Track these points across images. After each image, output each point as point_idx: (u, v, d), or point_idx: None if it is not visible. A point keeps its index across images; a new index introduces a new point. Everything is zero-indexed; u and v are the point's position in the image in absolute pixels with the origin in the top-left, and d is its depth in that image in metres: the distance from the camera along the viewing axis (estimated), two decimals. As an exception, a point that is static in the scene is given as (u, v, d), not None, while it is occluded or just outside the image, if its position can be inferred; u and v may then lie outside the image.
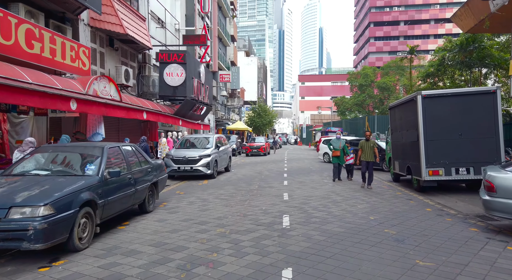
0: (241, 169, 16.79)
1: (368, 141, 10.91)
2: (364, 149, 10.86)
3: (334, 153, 12.54)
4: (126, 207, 6.42)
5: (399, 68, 50.29)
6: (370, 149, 10.86)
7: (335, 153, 12.53)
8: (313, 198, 9.03)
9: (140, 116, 12.62)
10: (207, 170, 12.51)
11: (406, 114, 10.07)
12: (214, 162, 12.99)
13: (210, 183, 11.90)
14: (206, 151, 12.86)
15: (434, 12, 74.41)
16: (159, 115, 14.37)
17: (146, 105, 14.46)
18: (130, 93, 16.06)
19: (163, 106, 17.25)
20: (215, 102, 34.86)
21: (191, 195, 9.66)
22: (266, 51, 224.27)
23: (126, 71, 14.60)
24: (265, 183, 11.78)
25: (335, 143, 12.68)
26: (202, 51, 24.98)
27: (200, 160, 12.41)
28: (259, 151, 27.76)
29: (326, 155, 20.48)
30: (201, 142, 14.28)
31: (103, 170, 5.46)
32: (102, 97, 10.77)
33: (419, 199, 8.93)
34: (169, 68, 17.12)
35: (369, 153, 10.85)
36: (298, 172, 15.49)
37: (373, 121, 33.35)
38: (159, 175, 7.90)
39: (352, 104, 52.20)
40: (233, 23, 43.36)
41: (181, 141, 14.54)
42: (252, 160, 23.17)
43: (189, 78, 17.77)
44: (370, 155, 10.84)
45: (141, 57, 17.34)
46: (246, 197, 9.28)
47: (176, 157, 12.55)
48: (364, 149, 10.86)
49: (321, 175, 14.18)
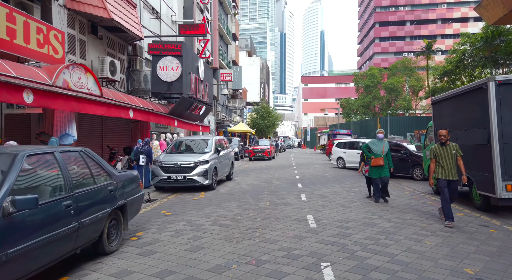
0: (245, 177, 14.48)
1: (446, 147, 6.58)
2: (443, 159, 6.51)
3: (375, 162, 8.75)
4: (61, 255, 3.89)
5: (407, 68, 48.35)
6: (452, 160, 6.50)
7: (376, 161, 8.73)
8: (351, 224, 6.44)
9: (125, 114, 10.54)
10: (205, 180, 10.14)
11: (465, 108, 7.74)
12: (213, 170, 10.63)
13: (207, 197, 9.53)
14: (204, 157, 10.45)
15: (441, 11, 72.46)
16: (150, 114, 12.29)
17: (134, 102, 12.39)
18: (118, 89, 14.01)
19: (156, 105, 15.19)
20: (216, 102, 32.81)
21: (181, 217, 7.16)
22: (267, 53, 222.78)
23: (112, 63, 12.55)
24: (278, 197, 9.30)
25: (376, 146, 8.95)
26: (201, 46, 22.93)
27: (196, 168, 10.03)
28: (264, 155, 25.63)
29: (340, 160, 18.30)
30: (197, 145, 11.90)
31: (2, 197, 3.08)
32: (74, 89, 8.71)
33: (497, 225, 6.40)
34: (163, 61, 15.08)
35: (451, 165, 6.48)
36: (313, 181, 13.15)
37: (386, 122, 31.26)
38: (130, 195, 5.31)
39: (358, 105, 50.14)
40: (234, 21, 41.42)
41: (173, 144, 12.09)
42: (257, 165, 21.03)
43: (186, 73, 15.73)
44: (452, 169, 6.49)
45: (131, 49, 15.30)
46: (256, 222, 6.67)
47: (166, 163, 10.06)
48: (441, 159, 6.53)
49: (343, 186, 11.66)
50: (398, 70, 48.94)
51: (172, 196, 9.74)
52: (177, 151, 11.63)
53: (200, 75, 18.04)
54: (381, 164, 8.68)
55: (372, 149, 9.01)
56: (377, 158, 8.79)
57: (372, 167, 8.91)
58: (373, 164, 8.83)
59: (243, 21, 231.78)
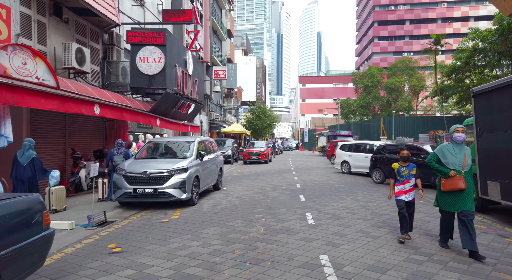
0: (236, 186, 12.34)
1: None
2: None
3: (451, 184, 4.98)
4: None
5: (408, 68, 46.74)
6: None
7: (452, 183, 4.97)
8: (392, 276, 4.13)
9: (88, 111, 8.59)
10: (181, 193, 7.93)
11: None
12: (193, 180, 8.44)
13: (183, 217, 7.22)
14: (181, 163, 8.25)
15: (441, 10, 71.02)
16: (123, 111, 10.33)
17: (106, 97, 10.45)
18: (91, 83, 12.07)
19: (136, 101, 13.24)
20: (209, 101, 30.88)
21: (131, 258, 4.83)
22: (264, 54, 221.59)
23: (80, 50, 10.61)
24: (276, 218, 7.04)
25: (453, 156, 5.08)
26: (190, 39, 20.95)
27: (171, 178, 7.83)
28: (259, 158, 23.66)
29: (345, 164, 16.34)
30: (176, 148, 9.60)
31: None
32: (14, 77, 6.76)
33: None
34: (144, 51, 13.16)
35: None
36: (318, 191, 10.89)
37: (390, 123, 29.45)
38: (12, 242, 3.07)
39: (357, 106, 48.42)
40: (229, 17, 39.53)
41: (144, 147, 9.53)
42: (252, 170, 19.06)
43: (171, 66, 13.81)
44: None
45: (107, 37, 13.35)
46: (241, 272, 4.29)
47: (132, 172, 7.81)
48: None
49: (355, 199, 9.47)
50: (398, 69, 47.31)
51: (137, 216, 7.54)
52: (149, 156, 9.26)
53: (188, 69, 16.12)
54: (462, 187, 4.91)
55: (446, 160, 5.10)
56: (453, 178, 4.96)
57: (444, 193, 5.14)
58: (447, 187, 5.01)
59: (240, 22, 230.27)
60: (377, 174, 12.84)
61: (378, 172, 12.75)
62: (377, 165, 12.78)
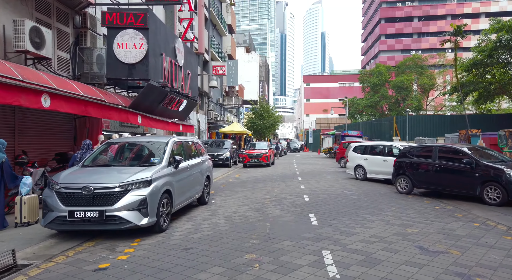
0: (229, 198, 9.86)
1: None
2: None
3: None
4: None
5: (417, 66, 44.43)
6: None
7: None
8: None
9: (32, 102, 6.52)
10: (141, 217, 5.48)
11: None
12: (162, 197, 5.96)
13: (135, 258, 4.77)
14: (142, 174, 5.79)
15: (451, 7, 68.54)
16: (88, 105, 8.24)
17: (70, 88, 8.42)
18: (56, 72, 10.03)
19: (112, 95, 11.21)
20: (208, 99, 28.82)
21: None
22: (267, 55, 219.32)
23: (36, 30, 8.59)
24: (277, 264, 4.52)
25: None
26: (183, 27, 18.85)
27: (125, 195, 5.43)
28: (261, 161, 21.50)
29: (360, 169, 14.13)
30: (140, 152, 7.24)
31: None
32: None
33: None
34: (122, 35, 11.12)
35: None
36: (333, 207, 8.35)
37: (403, 122, 27.18)
38: None
39: (364, 105, 46.15)
40: (230, 12, 37.48)
41: (98, 150, 7.06)
42: (251, 175, 16.88)
43: (155, 54, 11.78)
44: None
45: (79, 20, 11.31)
46: None
47: (69, 187, 5.40)
48: None
49: (384, 218, 7.12)
50: (407, 68, 44.99)
51: (69, 254, 4.97)
52: (102, 163, 6.68)
53: (178, 60, 14.07)
54: None
55: None
56: None
57: None
58: None
59: (243, 22, 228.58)
60: (402, 183, 10.59)
61: (403, 180, 10.50)
62: (403, 172, 10.52)
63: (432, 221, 7.03)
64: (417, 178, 10.20)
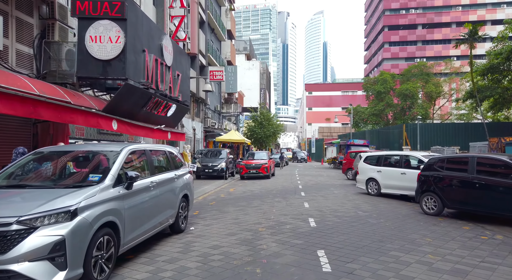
0: (213, 222, 7.86)
1: None
2: None
3: None
4: None
5: (423, 73, 42.89)
6: None
7: None
8: None
9: None
10: (53, 272, 3.45)
11: None
12: (94, 236, 3.91)
13: None
14: (64, 201, 3.80)
15: (456, 14, 67.41)
16: (39, 105, 6.58)
17: (23, 86, 6.78)
18: (16, 70, 8.45)
19: (83, 96, 9.57)
20: (205, 106, 27.22)
21: None
22: (269, 64, 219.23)
23: (-20, 14, 6.99)
24: None
25: None
26: (174, 25, 17.31)
27: (28, 236, 3.43)
28: (260, 172, 19.74)
29: (373, 182, 12.26)
30: (79, 165, 5.17)
31: None
32: None
33: None
34: (96, 27, 9.55)
35: None
36: (348, 237, 6.37)
37: (414, 130, 25.43)
38: None
39: (368, 114, 44.52)
40: (230, 16, 36.19)
41: (16, 164, 5.02)
42: (247, 189, 15.06)
43: (135, 49, 10.19)
44: None
45: (46, 9, 9.77)
46: None
47: None
48: None
49: (423, 259, 5.13)
50: (413, 75, 43.45)
51: None
52: (13, 183, 4.64)
53: (165, 59, 12.47)
54: None
55: None
56: None
57: None
58: None
59: (245, 32, 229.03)
60: (429, 202, 8.62)
61: (431, 198, 8.54)
62: (429, 188, 8.59)
63: (491, 262, 5.11)
64: (449, 196, 8.29)
